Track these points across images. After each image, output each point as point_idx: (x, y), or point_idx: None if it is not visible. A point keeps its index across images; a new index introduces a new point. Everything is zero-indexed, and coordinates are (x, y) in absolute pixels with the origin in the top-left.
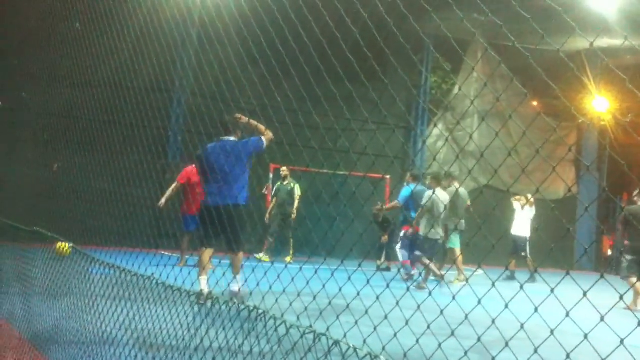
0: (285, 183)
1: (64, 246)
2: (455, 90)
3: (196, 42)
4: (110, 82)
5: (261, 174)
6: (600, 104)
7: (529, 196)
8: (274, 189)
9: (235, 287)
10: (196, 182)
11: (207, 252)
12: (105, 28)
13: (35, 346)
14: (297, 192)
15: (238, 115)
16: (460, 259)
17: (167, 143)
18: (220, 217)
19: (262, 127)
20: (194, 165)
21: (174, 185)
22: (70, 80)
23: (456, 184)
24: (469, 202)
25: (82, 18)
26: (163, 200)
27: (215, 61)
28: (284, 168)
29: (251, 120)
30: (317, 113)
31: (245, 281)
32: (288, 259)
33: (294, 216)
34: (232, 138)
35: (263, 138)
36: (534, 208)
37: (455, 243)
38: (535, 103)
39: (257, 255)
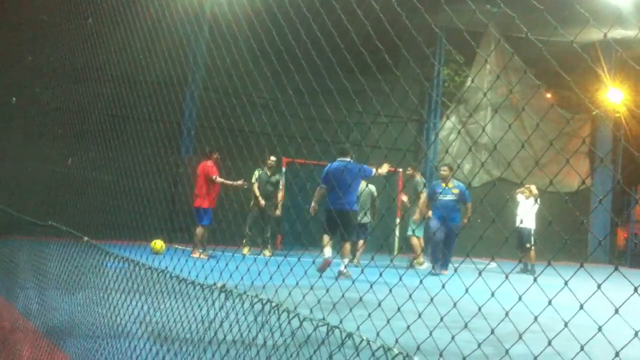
0: (270, 174)
1: (157, 244)
2: (468, 82)
3: (208, 36)
4: (123, 77)
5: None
6: (614, 96)
7: (532, 187)
8: (257, 178)
9: (341, 267)
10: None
11: (327, 239)
12: (118, 23)
13: (51, 339)
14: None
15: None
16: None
17: (180, 137)
18: (339, 217)
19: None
20: (210, 161)
21: (224, 180)
22: (83, 75)
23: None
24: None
25: (94, 13)
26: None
27: (227, 55)
28: (273, 158)
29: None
30: (329, 106)
31: (346, 264)
32: (267, 252)
33: (278, 211)
34: (348, 159)
35: (374, 171)
36: (539, 200)
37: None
38: (549, 95)
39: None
